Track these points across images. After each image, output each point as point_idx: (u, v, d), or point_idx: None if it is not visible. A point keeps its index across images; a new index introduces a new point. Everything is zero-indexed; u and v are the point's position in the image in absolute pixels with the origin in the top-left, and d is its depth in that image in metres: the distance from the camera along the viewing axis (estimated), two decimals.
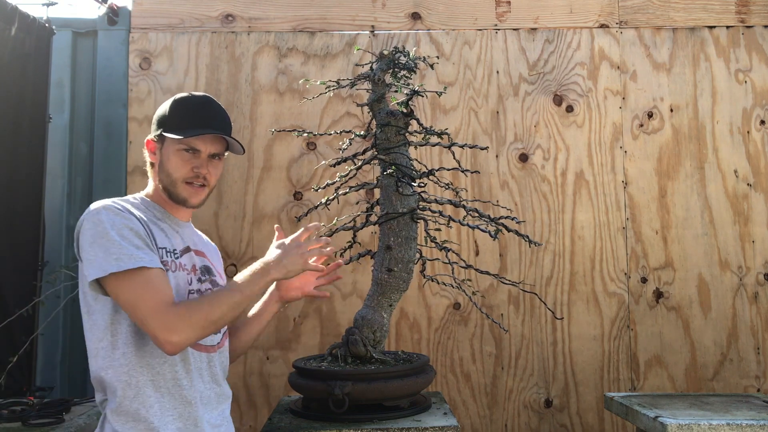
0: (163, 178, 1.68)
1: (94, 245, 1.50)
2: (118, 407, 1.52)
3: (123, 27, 3.30)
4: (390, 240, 2.15)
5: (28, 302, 2.72)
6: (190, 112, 1.70)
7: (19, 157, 2.89)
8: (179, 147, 1.67)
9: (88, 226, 1.53)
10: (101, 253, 1.48)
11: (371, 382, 1.98)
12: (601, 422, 3.16)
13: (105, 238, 1.50)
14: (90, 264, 1.50)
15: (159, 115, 1.72)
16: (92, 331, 1.56)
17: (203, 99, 1.74)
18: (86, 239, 1.52)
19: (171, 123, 1.68)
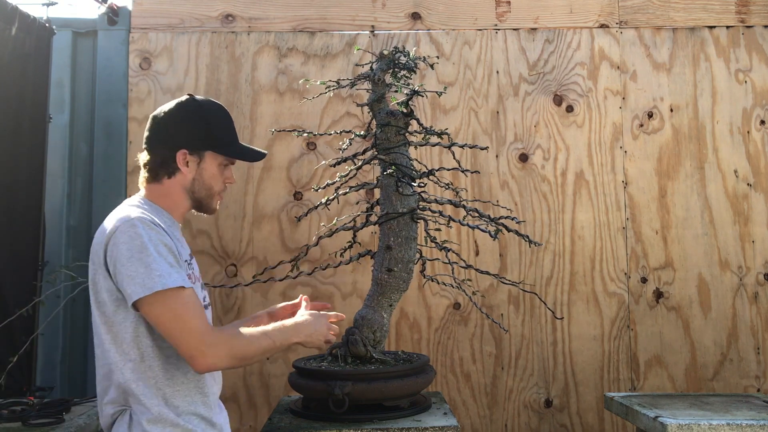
0: (200, 190, 1.69)
1: (133, 260, 1.48)
2: (156, 417, 1.52)
3: (123, 27, 3.30)
4: (390, 240, 2.15)
5: (28, 302, 2.72)
6: (228, 124, 1.74)
7: (19, 157, 2.89)
8: (223, 162, 1.71)
9: (124, 239, 1.50)
10: (142, 269, 1.47)
11: (371, 382, 1.98)
12: (601, 422, 3.16)
13: (144, 253, 1.48)
14: (131, 280, 1.47)
15: (195, 129, 1.68)
16: (116, 344, 1.54)
17: (225, 109, 1.77)
18: (123, 253, 1.49)
19: (219, 139, 1.70)
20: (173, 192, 1.68)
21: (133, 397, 1.53)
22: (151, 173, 1.69)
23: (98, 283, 1.55)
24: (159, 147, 1.68)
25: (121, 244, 1.50)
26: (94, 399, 2.45)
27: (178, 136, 1.67)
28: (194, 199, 1.71)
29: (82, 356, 3.17)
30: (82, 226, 3.24)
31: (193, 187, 1.69)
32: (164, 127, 1.69)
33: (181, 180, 1.68)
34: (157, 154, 1.68)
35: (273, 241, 3.18)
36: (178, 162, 1.66)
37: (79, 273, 2.85)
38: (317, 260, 3.07)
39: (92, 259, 1.57)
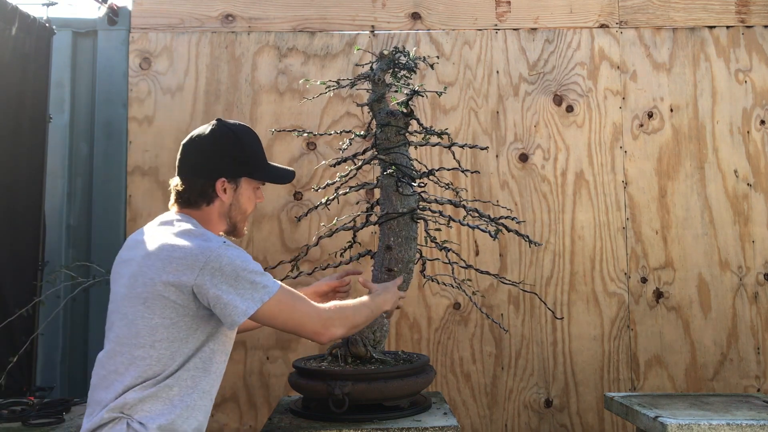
0: (236, 214, 1.78)
1: (240, 279, 1.58)
2: (170, 424, 1.56)
3: (123, 27, 3.30)
4: (390, 240, 2.15)
5: (28, 302, 2.72)
6: (259, 147, 1.82)
7: (19, 157, 2.89)
8: (257, 186, 1.82)
9: (226, 262, 1.57)
10: (249, 285, 1.59)
11: (371, 382, 1.98)
12: (601, 422, 3.16)
13: (247, 270, 1.59)
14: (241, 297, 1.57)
15: (232, 157, 1.75)
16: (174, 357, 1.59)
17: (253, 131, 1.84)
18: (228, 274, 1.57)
19: (253, 165, 1.78)
20: (212, 218, 1.75)
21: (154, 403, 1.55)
22: (188, 201, 1.74)
23: (170, 303, 1.58)
24: (196, 176, 1.74)
25: (225, 267, 1.57)
26: None
27: (216, 166, 1.74)
28: (230, 224, 1.79)
29: (82, 356, 3.17)
30: (82, 226, 3.25)
31: (230, 212, 1.77)
32: (200, 157, 1.75)
33: (219, 206, 1.75)
34: (195, 183, 1.73)
35: (273, 241, 3.18)
36: (217, 190, 1.73)
37: (78, 273, 2.86)
38: (317, 260, 3.07)
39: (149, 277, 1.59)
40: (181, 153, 1.76)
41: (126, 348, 1.58)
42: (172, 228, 1.65)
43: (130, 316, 1.59)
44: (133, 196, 3.21)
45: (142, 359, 1.57)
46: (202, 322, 1.62)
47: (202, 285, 1.56)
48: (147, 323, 1.57)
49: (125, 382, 1.56)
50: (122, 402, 1.54)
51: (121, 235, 3.20)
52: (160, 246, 1.61)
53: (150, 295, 1.58)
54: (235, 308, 1.57)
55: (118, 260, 1.74)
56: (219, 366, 1.69)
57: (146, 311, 1.58)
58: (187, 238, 1.61)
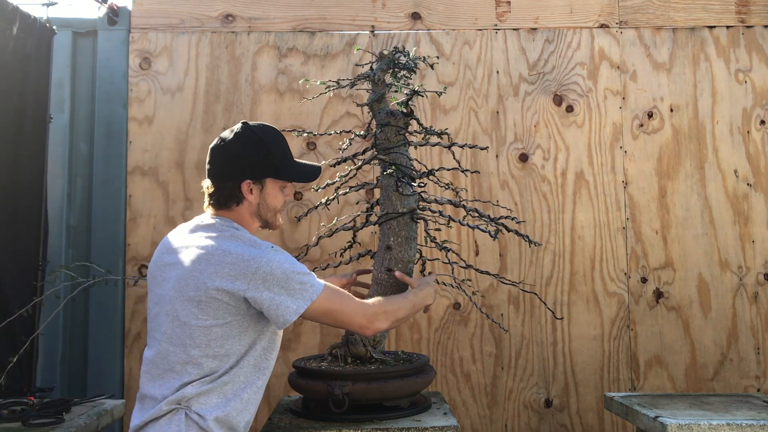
0: (265, 213, 1.84)
1: (290, 281, 1.66)
2: (225, 416, 1.64)
3: (123, 27, 3.30)
4: (390, 240, 2.15)
5: (29, 302, 2.72)
6: (284, 147, 1.87)
7: (20, 157, 2.89)
8: (283, 185, 1.87)
9: (276, 265, 1.65)
10: (298, 285, 1.67)
11: (371, 382, 1.98)
12: (601, 422, 3.16)
13: (294, 272, 1.67)
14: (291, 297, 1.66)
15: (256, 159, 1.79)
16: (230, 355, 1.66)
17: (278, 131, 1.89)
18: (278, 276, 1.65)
19: (278, 165, 1.83)
20: (244, 217, 1.82)
21: (210, 396, 1.63)
22: (219, 202, 1.80)
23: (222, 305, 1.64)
24: (223, 179, 1.80)
25: (276, 271, 1.65)
26: (94, 399, 2.47)
27: (241, 169, 1.79)
28: (262, 220, 1.86)
29: (82, 356, 3.17)
30: (82, 226, 3.24)
31: (259, 211, 1.83)
32: (226, 161, 1.80)
33: (248, 207, 1.81)
34: (223, 185, 1.80)
35: (273, 241, 3.16)
36: (244, 192, 1.79)
37: (78, 273, 2.85)
38: (317, 260, 3.07)
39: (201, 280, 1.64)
40: (209, 156, 1.83)
41: (180, 348, 1.65)
42: (219, 232, 1.72)
43: (183, 317, 1.66)
44: (133, 196, 3.21)
45: (198, 357, 1.64)
46: (252, 321, 1.69)
47: (255, 290, 1.64)
48: (201, 324, 1.64)
49: (183, 379, 1.64)
50: (180, 395, 1.62)
51: (121, 235, 3.20)
52: (210, 251, 1.67)
53: (203, 298, 1.64)
54: (286, 308, 1.65)
55: (158, 263, 1.78)
56: (270, 363, 1.77)
57: (200, 313, 1.64)
58: (238, 243, 1.69)
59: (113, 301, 3.16)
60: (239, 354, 1.68)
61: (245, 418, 1.70)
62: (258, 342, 1.72)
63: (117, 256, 3.17)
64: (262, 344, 1.73)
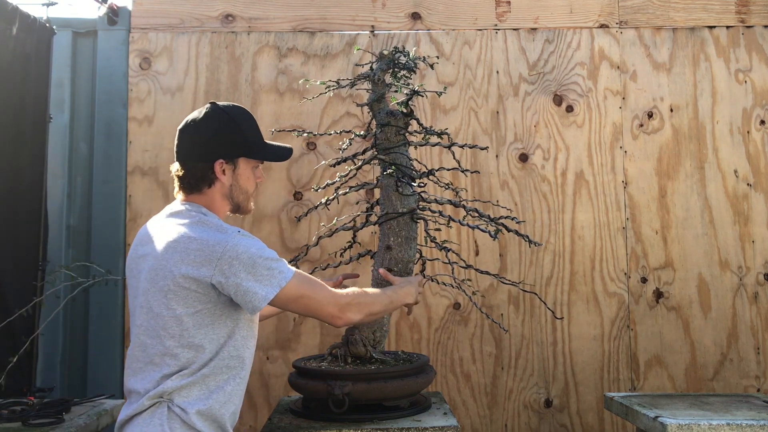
0: (238, 195, 1.80)
1: (257, 266, 1.61)
2: (208, 409, 1.62)
3: (123, 27, 3.30)
4: (390, 240, 2.15)
5: (29, 302, 2.72)
6: (254, 126, 1.82)
7: (20, 157, 2.89)
8: (255, 165, 1.82)
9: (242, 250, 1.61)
10: (266, 272, 1.62)
11: (371, 382, 1.98)
12: (601, 422, 3.16)
13: (263, 257, 1.63)
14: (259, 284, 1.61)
15: (232, 138, 1.76)
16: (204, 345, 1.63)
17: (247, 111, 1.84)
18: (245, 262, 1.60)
19: (250, 144, 1.79)
20: (215, 200, 1.77)
21: (191, 389, 1.61)
22: (191, 185, 1.77)
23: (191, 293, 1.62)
24: (194, 160, 1.76)
25: (242, 255, 1.61)
26: (94, 399, 2.47)
27: (213, 148, 1.75)
28: (233, 204, 1.81)
29: (82, 356, 3.17)
30: (82, 226, 3.24)
31: (231, 193, 1.79)
32: (196, 141, 1.76)
33: (220, 188, 1.77)
34: (194, 166, 1.75)
35: (273, 241, 3.18)
36: (216, 172, 1.75)
37: (78, 273, 2.85)
38: (317, 260, 3.07)
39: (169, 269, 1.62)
40: (177, 138, 1.78)
41: (156, 340, 1.63)
42: (186, 219, 1.69)
43: (156, 309, 1.63)
44: (133, 196, 3.21)
45: (173, 348, 1.62)
46: (225, 308, 1.66)
47: (221, 276, 1.60)
48: (172, 314, 1.62)
49: (163, 371, 1.62)
50: (162, 389, 1.60)
51: (121, 235, 3.20)
52: (176, 238, 1.64)
53: (172, 287, 1.61)
54: (254, 294, 1.61)
55: (133, 256, 1.75)
56: (250, 351, 1.75)
57: (170, 303, 1.62)
58: (203, 229, 1.65)
59: (113, 301, 3.16)
60: (217, 344, 1.64)
61: (229, 410, 1.67)
62: (236, 331, 1.69)
63: (117, 256, 3.17)
64: (241, 333, 1.70)
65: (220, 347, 1.65)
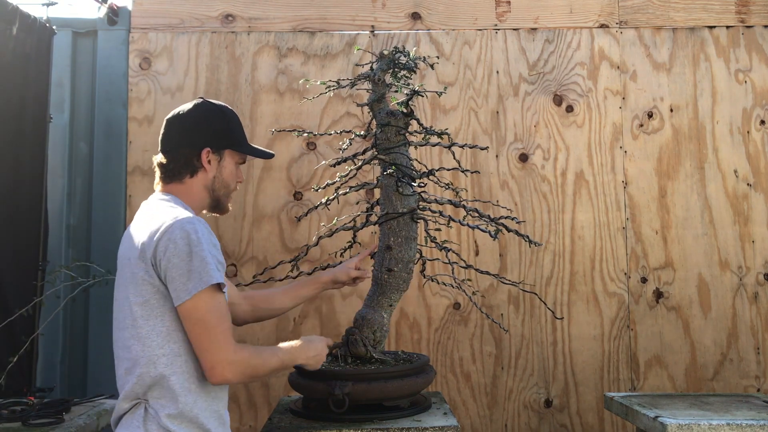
0: (219, 188, 1.77)
1: (186, 260, 1.52)
2: (179, 413, 1.56)
3: (123, 27, 3.30)
4: (390, 240, 2.15)
5: (29, 302, 2.72)
6: (240, 125, 1.83)
7: (20, 157, 2.89)
8: (239, 161, 1.82)
9: (179, 238, 1.53)
10: (192, 270, 1.52)
11: (371, 382, 1.98)
12: (601, 422, 3.16)
13: (196, 252, 1.53)
14: (181, 280, 1.52)
15: (217, 129, 1.76)
16: (151, 338, 1.57)
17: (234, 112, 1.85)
18: (177, 252, 1.52)
19: (237, 138, 1.79)
20: (195, 191, 1.75)
21: (159, 391, 1.56)
22: (172, 173, 1.74)
23: (140, 280, 1.57)
24: (181, 147, 1.74)
25: (178, 239, 1.53)
26: (94, 399, 2.47)
27: (201, 135, 1.74)
28: (213, 198, 1.77)
29: (82, 356, 3.17)
30: (82, 226, 3.24)
31: (213, 185, 1.76)
32: (185, 128, 1.76)
33: (202, 178, 1.75)
34: (180, 154, 1.73)
35: (273, 241, 3.18)
36: (202, 160, 1.73)
37: (78, 273, 2.85)
38: (317, 260, 3.07)
39: (128, 257, 1.61)
40: (165, 128, 1.78)
41: (118, 332, 1.62)
42: (150, 209, 1.68)
43: (119, 301, 1.63)
44: (133, 196, 3.21)
45: (127, 339, 1.59)
46: (169, 300, 1.57)
47: (157, 254, 1.55)
48: (128, 304, 1.59)
49: (123, 365, 1.60)
50: (135, 390, 1.57)
51: (121, 235, 3.18)
52: (137, 228, 1.64)
53: (129, 277, 1.60)
54: (174, 290, 1.54)
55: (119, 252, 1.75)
56: None
57: (127, 293, 1.60)
58: (159, 212, 1.62)
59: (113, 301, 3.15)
60: (166, 337, 1.56)
61: (207, 408, 1.60)
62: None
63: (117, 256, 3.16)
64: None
65: (171, 342, 1.57)
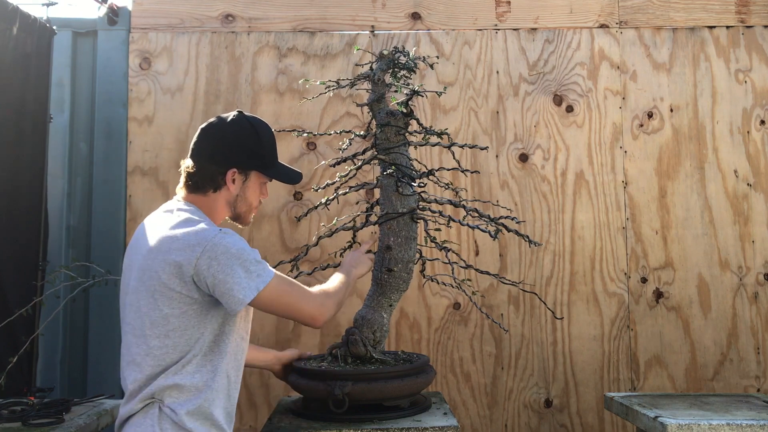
0: (241, 206, 1.81)
1: (236, 267, 1.60)
2: (197, 409, 1.61)
3: (123, 27, 3.30)
4: (390, 240, 2.15)
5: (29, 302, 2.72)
6: (273, 144, 1.86)
7: (20, 157, 2.89)
8: (264, 181, 1.85)
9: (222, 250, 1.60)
10: (244, 273, 1.61)
11: (371, 382, 1.98)
12: (601, 422, 3.16)
13: (243, 258, 1.62)
14: (238, 285, 1.60)
15: (251, 150, 1.79)
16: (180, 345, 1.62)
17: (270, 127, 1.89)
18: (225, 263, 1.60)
19: (266, 160, 1.82)
20: (217, 205, 1.79)
21: (178, 391, 1.60)
22: (197, 185, 1.77)
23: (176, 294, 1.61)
24: (209, 162, 1.76)
25: (220, 256, 1.59)
26: (94, 399, 2.47)
27: (230, 155, 1.77)
28: (234, 213, 1.82)
29: (82, 356, 3.17)
30: (82, 226, 3.24)
31: (235, 203, 1.81)
32: (216, 144, 1.77)
33: (225, 195, 1.78)
34: (206, 168, 1.76)
35: (273, 241, 3.18)
36: (227, 179, 1.76)
37: (78, 273, 2.85)
38: (317, 260, 3.07)
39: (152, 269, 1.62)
40: (198, 137, 1.79)
41: (141, 339, 1.63)
42: (176, 219, 1.68)
43: (143, 308, 1.63)
44: (133, 196, 3.21)
45: (158, 349, 1.61)
46: (211, 308, 1.65)
47: (200, 273, 1.59)
48: (158, 314, 1.61)
49: (145, 371, 1.61)
50: (152, 390, 1.60)
51: (121, 235, 3.20)
52: (161, 239, 1.64)
53: (157, 288, 1.61)
54: (232, 297, 1.60)
55: (128, 251, 1.76)
56: (233, 346, 1.71)
57: (156, 303, 1.61)
58: (185, 227, 1.64)
59: (113, 301, 3.15)
60: (203, 343, 1.63)
61: (221, 406, 1.66)
62: (224, 330, 1.68)
63: (117, 256, 3.16)
64: (229, 332, 1.69)
65: (207, 347, 1.64)
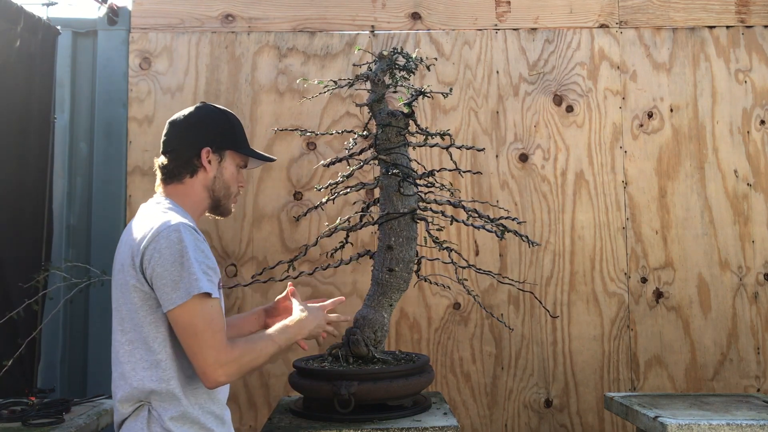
0: (219, 190, 1.76)
1: (175, 265, 1.52)
2: (181, 415, 1.57)
3: (123, 27, 3.29)
4: (391, 240, 2.15)
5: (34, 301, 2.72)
6: (242, 129, 1.83)
7: (24, 157, 2.89)
8: (240, 163, 1.81)
9: (166, 245, 1.53)
10: (179, 277, 1.51)
11: (377, 381, 1.98)
12: (601, 422, 3.16)
13: (184, 259, 1.52)
14: (169, 287, 1.51)
15: (222, 129, 1.77)
16: (146, 344, 1.57)
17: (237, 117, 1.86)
18: (165, 258, 1.52)
19: (239, 140, 1.79)
20: (195, 191, 1.74)
21: (158, 395, 1.57)
22: (172, 174, 1.73)
23: (131, 288, 1.57)
24: (182, 147, 1.74)
25: (163, 249, 1.53)
26: (94, 399, 2.47)
27: (202, 135, 1.75)
28: (213, 198, 1.76)
29: (82, 357, 3.17)
30: (82, 226, 3.24)
31: (213, 186, 1.75)
32: (187, 128, 1.76)
33: (202, 179, 1.74)
34: (180, 154, 1.73)
35: (273, 241, 3.18)
36: (202, 160, 1.73)
37: (78, 274, 2.85)
38: (318, 260, 3.07)
39: (122, 263, 1.61)
40: (166, 129, 1.79)
41: (118, 335, 1.62)
42: (145, 214, 1.66)
43: (114, 303, 1.63)
44: (133, 197, 3.21)
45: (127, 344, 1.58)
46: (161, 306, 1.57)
47: (144, 262, 1.55)
48: (127, 309, 1.59)
49: (124, 368, 1.59)
50: (136, 394, 1.57)
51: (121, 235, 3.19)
52: (130, 234, 1.63)
53: (122, 282, 1.60)
54: (161, 297, 1.53)
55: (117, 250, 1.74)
56: None
57: (125, 297, 1.59)
58: (152, 217, 1.61)
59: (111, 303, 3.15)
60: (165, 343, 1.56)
61: (207, 410, 1.62)
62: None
63: None
64: None
65: (170, 347, 1.57)
